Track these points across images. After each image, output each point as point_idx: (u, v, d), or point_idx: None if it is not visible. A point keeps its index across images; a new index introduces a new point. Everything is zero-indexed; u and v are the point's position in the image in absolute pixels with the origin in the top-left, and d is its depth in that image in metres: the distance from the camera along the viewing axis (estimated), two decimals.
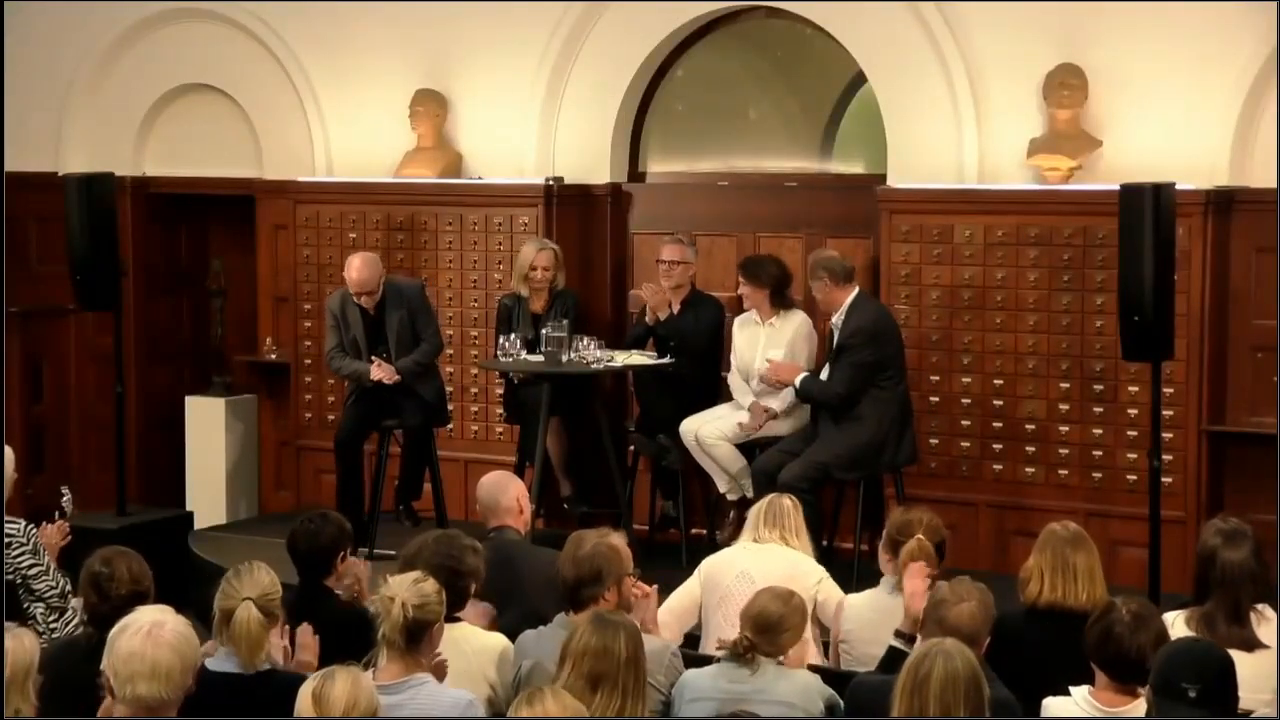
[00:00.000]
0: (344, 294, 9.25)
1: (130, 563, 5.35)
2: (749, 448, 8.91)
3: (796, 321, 8.98)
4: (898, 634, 5.62)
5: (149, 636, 4.36)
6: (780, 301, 8.98)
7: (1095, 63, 8.74)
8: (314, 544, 5.91)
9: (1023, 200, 8.88)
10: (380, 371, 9.11)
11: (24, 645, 4.50)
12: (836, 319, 8.53)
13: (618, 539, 5.72)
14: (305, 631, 5.44)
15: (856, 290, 8.53)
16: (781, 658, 5.35)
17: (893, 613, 5.84)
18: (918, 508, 6.36)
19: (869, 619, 6.08)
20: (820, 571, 6.48)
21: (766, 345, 8.96)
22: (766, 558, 6.40)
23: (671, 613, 6.50)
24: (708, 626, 6.50)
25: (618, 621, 4.95)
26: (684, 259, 9.35)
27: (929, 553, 5.91)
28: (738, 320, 9.17)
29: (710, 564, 6.62)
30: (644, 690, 4.92)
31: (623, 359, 9.07)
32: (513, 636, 5.58)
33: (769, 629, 5.31)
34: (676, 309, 9.33)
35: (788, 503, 6.59)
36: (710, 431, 8.94)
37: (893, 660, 5.32)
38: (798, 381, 8.63)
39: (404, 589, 4.99)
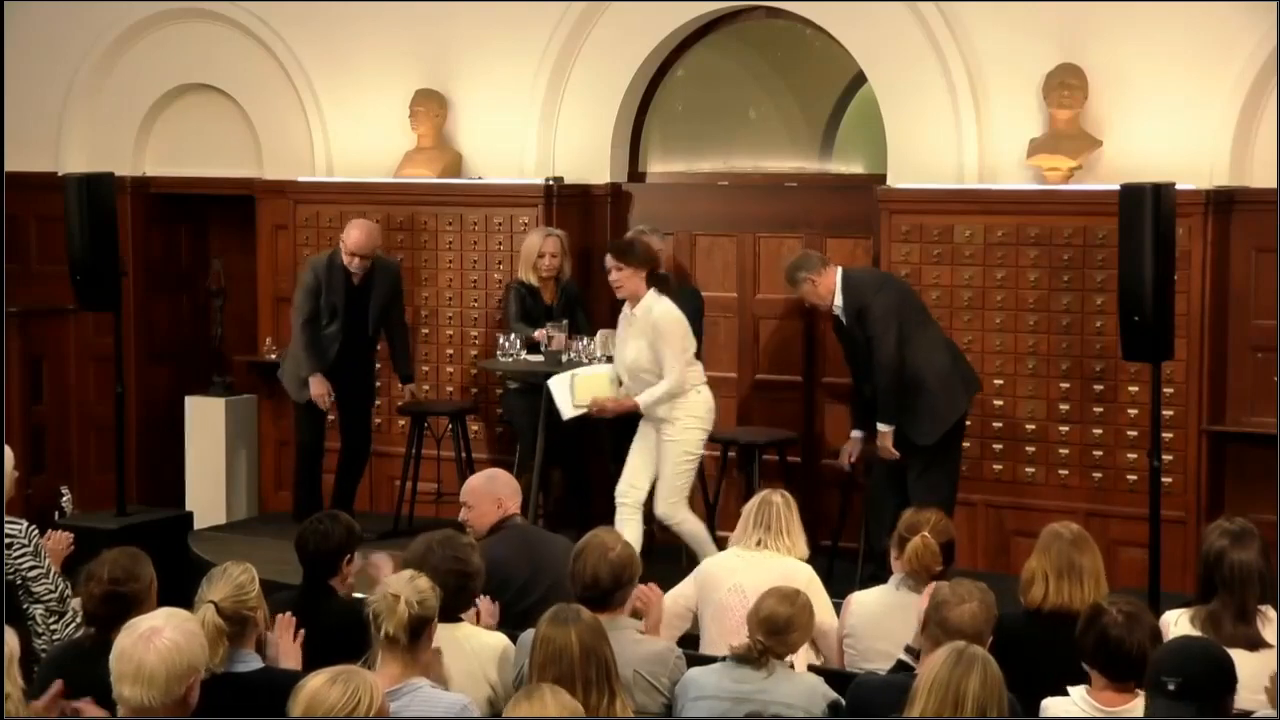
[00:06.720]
0: (331, 257, 9.35)
1: (119, 561, 5.29)
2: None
3: (654, 313, 8.18)
4: (908, 650, 5.43)
5: (141, 639, 4.32)
6: (655, 281, 8.28)
7: (1095, 63, 8.74)
8: (324, 545, 5.90)
9: (1023, 200, 8.88)
10: (320, 390, 9.39)
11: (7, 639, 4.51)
12: (837, 305, 8.35)
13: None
14: (286, 631, 5.36)
15: (839, 269, 8.40)
16: (790, 658, 5.35)
17: (899, 609, 5.84)
18: (930, 509, 6.35)
19: (875, 614, 6.06)
20: (808, 573, 6.36)
21: (629, 338, 8.36)
22: (758, 570, 6.25)
23: (665, 614, 6.47)
24: (705, 634, 6.43)
25: (574, 615, 4.94)
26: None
27: (934, 551, 5.91)
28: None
29: (705, 572, 6.53)
30: (612, 685, 4.87)
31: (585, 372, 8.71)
32: (547, 607, 5.46)
33: (779, 630, 5.29)
34: None
35: (778, 499, 6.48)
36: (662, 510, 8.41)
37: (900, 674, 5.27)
38: (883, 429, 8.11)
39: (404, 587, 4.99)
